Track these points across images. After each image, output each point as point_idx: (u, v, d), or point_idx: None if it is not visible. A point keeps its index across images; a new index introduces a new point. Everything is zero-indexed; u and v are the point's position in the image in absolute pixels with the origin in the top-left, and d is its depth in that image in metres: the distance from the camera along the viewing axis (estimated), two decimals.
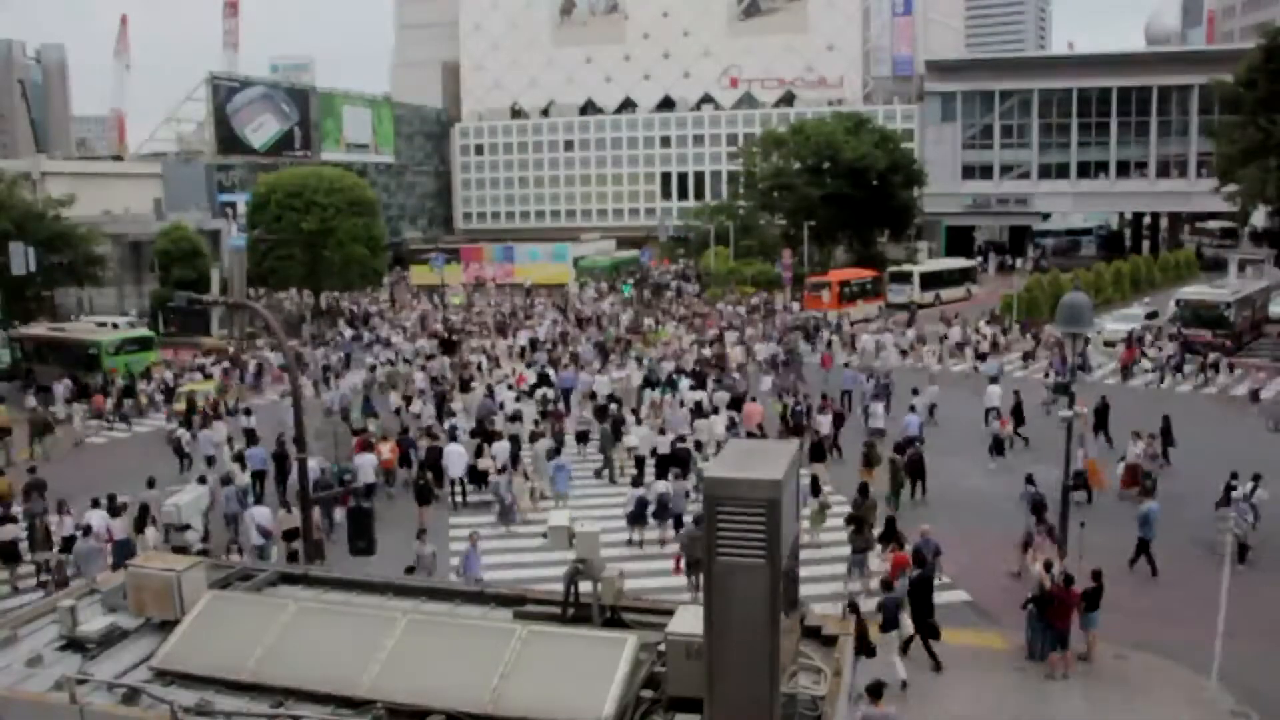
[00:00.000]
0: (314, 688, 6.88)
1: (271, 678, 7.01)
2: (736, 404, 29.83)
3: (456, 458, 24.60)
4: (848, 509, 20.57)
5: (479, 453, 25.19)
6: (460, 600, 8.53)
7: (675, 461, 24.22)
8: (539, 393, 32.59)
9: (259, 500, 23.28)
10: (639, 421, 28.05)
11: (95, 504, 20.64)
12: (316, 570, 10.39)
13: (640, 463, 25.50)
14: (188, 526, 19.65)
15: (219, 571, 8.98)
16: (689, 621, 6.51)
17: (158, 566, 8.23)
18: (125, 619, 8.03)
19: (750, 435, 27.09)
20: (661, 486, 22.32)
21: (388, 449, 25.76)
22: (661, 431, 25.93)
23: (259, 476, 24.99)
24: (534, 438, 26.93)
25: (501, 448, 24.83)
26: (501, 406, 30.30)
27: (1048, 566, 16.32)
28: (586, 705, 6.38)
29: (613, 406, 29.72)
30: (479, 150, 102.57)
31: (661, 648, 6.86)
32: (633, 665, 6.73)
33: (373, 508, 20.92)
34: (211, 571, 8.71)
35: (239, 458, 25.56)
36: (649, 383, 33.80)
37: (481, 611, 8.24)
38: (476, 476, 24.84)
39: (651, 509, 21.81)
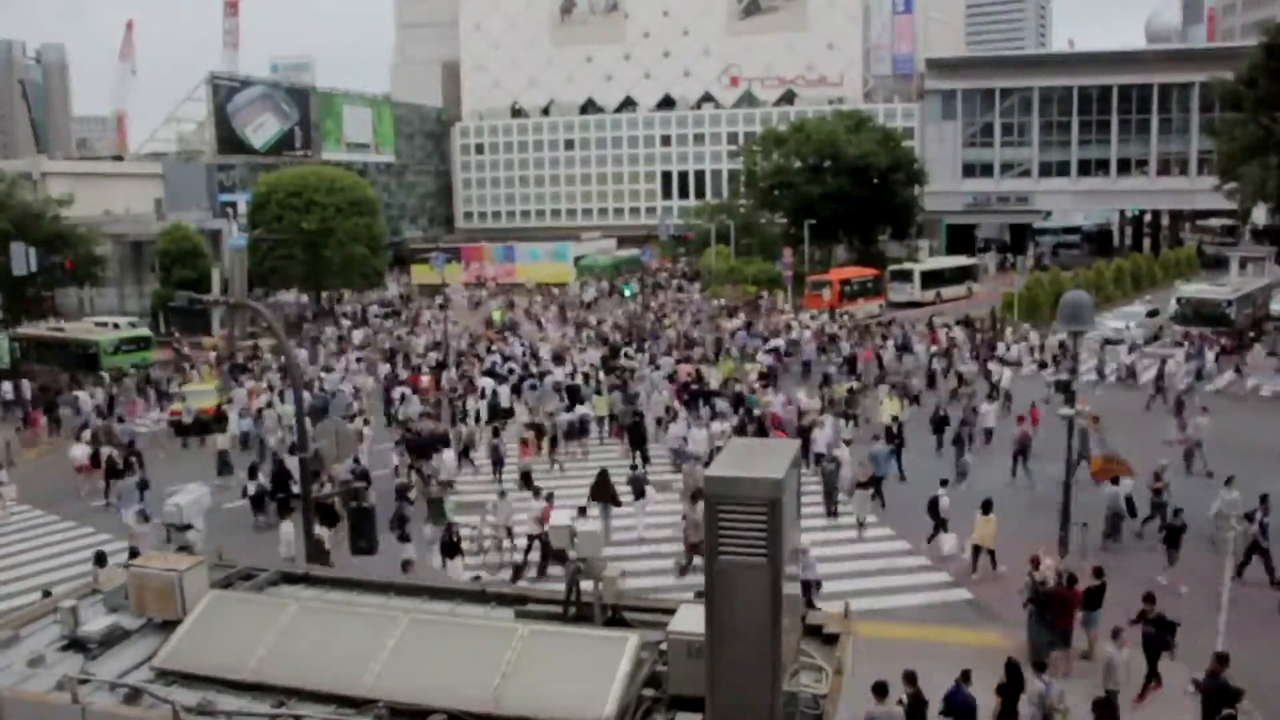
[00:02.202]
0: (316, 687, 6.88)
1: (273, 677, 7.01)
2: None
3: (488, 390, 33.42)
4: None
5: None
6: (461, 600, 8.53)
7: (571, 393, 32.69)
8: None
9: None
10: None
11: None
12: (318, 570, 10.39)
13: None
14: (189, 526, 19.65)
15: (220, 571, 8.99)
16: (690, 620, 6.51)
17: (159, 566, 8.23)
18: (127, 619, 8.03)
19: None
20: (582, 410, 30.47)
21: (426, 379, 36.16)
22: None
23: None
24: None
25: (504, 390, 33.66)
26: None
27: (1035, 563, 16.42)
28: (588, 704, 6.38)
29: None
30: (479, 150, 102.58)
31: (663, 646, 6.86)
32: (634, 664, 6.73)
33: (373, 507, 20.95)
34: (213, 571, 8.72)
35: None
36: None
37: (483, 611, 8.24)
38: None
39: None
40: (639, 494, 22.28)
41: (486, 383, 34.27)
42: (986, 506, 19.62)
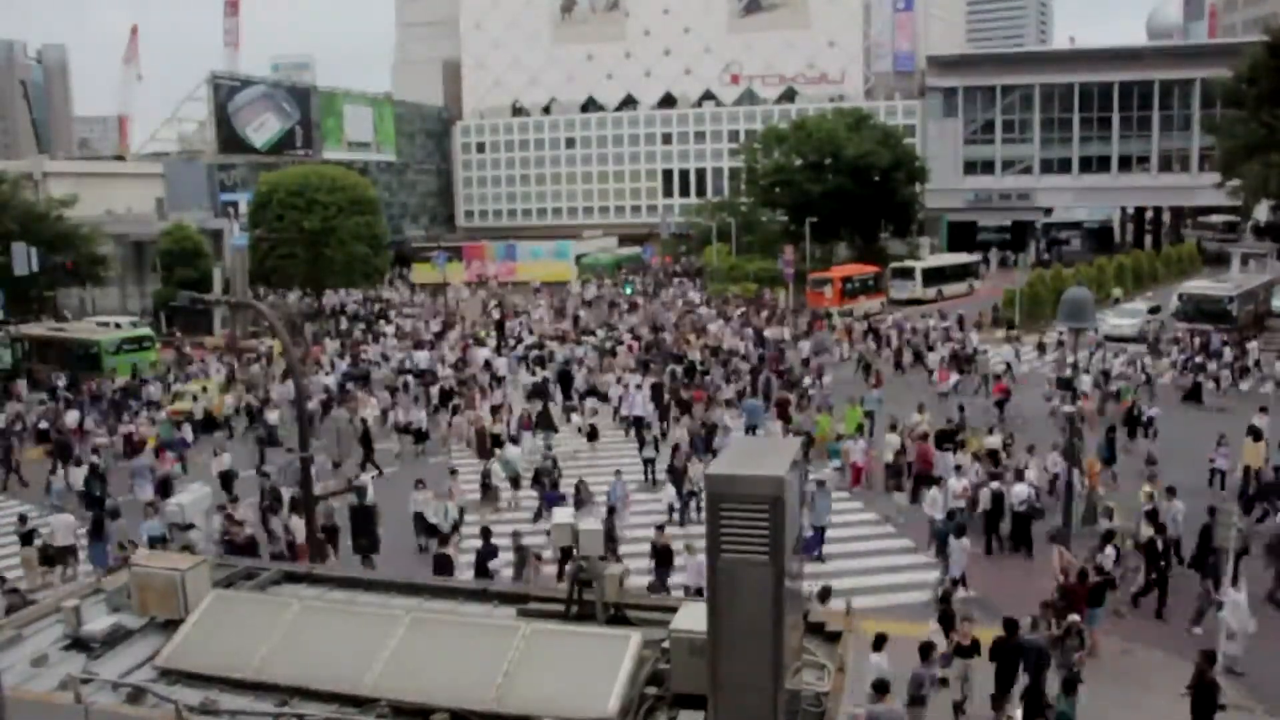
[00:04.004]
0: (318, 686, 6.88)
1: (276, 676, 7.02)
2: None
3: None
4: None
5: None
6: (463, 598, 8.54)
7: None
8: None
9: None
10: None
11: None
12: (320, 569, 10.40)
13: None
14: (191, 526, 19.66)
15: (223, 570, 9.00)
16: (693, 618, 6.51)
17: (161, 565, 8.24)
18: (129, 618, 8.04)
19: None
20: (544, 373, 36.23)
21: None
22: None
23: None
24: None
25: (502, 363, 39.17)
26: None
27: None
28: (590, 702, 6.38)
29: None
30: (480, 148, 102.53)
31: (665, 644, 6.86)
32: (637, 662, 6.73)
33: (374, 506, 20.98)
34: (215, 570, 8.74)
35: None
36: None
37: (485, 609, 8.24)
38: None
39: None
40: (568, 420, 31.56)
41: (495, 361, 39.14)
42: (1257, 434, 23.43)
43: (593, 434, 29.84)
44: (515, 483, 25.14)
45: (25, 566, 20.81)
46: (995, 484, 21.08)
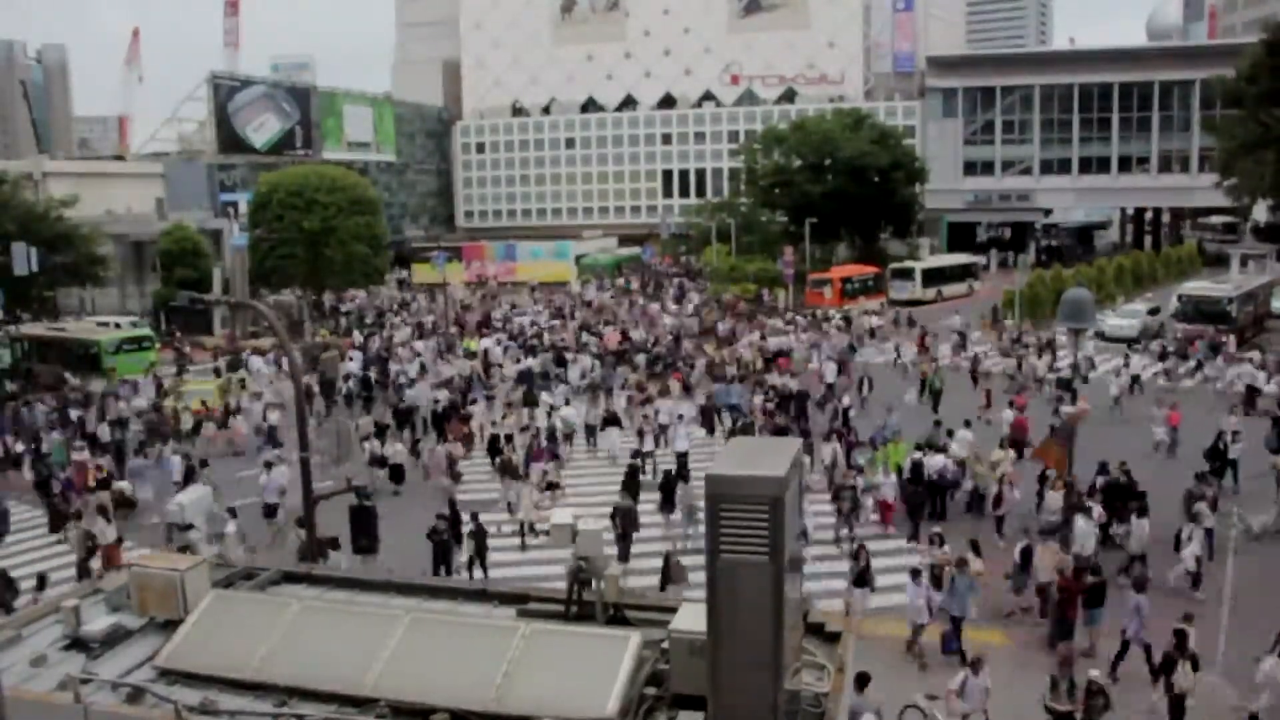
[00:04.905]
0: (318, 686, 6.88)
1: (275, 676, 7.02)
2: None
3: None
4: None
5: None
6: (463, 598, 8.53)
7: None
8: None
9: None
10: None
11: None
12: (319, 569, 10.40)
13: None
14: (191, 526, 19.69)
15: (222, 570, 9.00)
16: (692, 619, 6.51)
17: (161, 566, 8.24)
18: (129, 618, 8.04)
19: None
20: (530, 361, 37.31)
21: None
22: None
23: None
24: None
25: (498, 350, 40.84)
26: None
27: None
28: (590, 703, 6.38)
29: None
30: (480, 148, 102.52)
31: (665, 645, 6.86)
32: (636, 663, 6.73)
33: (375, 506, 20.97)
34: (215, 570, 8.73)
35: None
36: None
37: (484, 610, 8.24)
38: None
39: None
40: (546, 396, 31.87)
41: (494, 350, 40.53)
42: None
43: (552, 484, 23.94)
44: (570, 439, 27.84)
45: (99, 511, 22.17)
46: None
